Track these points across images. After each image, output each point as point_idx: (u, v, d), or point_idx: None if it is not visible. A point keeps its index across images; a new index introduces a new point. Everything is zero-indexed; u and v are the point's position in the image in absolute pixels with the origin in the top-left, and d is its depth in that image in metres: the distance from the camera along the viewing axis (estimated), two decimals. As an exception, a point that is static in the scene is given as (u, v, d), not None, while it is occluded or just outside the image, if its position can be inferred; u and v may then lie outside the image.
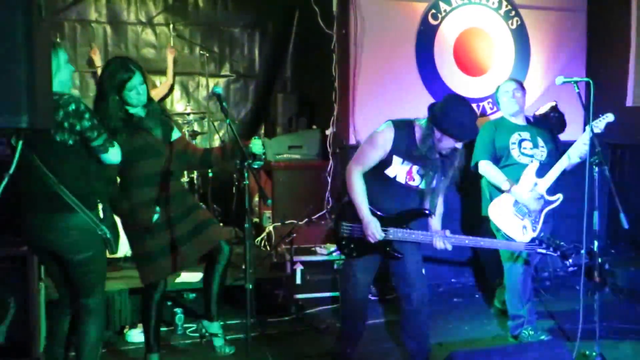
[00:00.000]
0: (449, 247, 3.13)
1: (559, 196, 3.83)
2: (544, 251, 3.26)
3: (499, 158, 4.02)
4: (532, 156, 3.98)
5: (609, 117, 3.76)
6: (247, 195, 2.62)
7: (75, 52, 5.65)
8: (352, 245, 3.23)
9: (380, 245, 3.18)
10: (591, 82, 3.49)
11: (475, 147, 4.10)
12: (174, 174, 3.27)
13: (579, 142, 3.75)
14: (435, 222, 3.24)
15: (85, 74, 5.73)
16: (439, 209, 3.28)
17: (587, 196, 3.30)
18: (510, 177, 3.89)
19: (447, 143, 3.03)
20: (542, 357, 2.59)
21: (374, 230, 3.10)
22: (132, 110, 3.11)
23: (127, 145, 3.00)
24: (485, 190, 4.11)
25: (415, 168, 3.14)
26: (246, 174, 2.61)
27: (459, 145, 3.06)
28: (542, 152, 4.02)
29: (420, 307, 3.27)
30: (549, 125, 4.52)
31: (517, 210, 3.83)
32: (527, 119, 4.19)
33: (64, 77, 2.81)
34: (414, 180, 3.16)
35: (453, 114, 2.99)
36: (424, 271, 3.29)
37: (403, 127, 3.13)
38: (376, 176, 3.17)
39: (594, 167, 3.34)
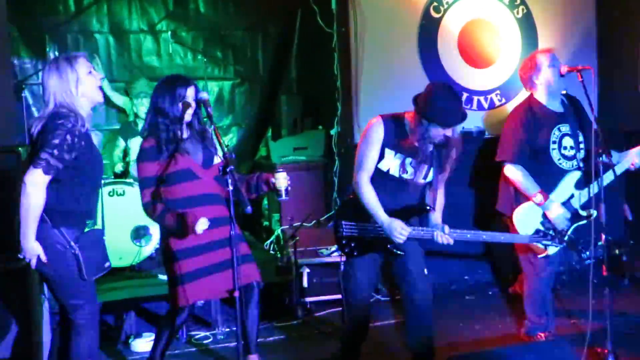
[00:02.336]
0: (451, 242, 3.06)
1: (592, 212, 3.42)
2: (548, 243, 3.15)
3: (535, 155, 3.62)
4: (573, 158, 3.63)
5: None
6: (231, 202, 2.58)
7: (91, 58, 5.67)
8: (352, 244, 3.17)
9: (381, 244, 3.11)
10: (592, 69, 3.39)
11: (504, 141, 3.71)
12: (217, 199, 3.12)
13: (629, 156, 3.53)
14: (436, 216, 3.15)
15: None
16: (440, 201, 3.19)
17: (592, 189, 3.20)
18: (544, 183, 3.55)
19: (436, 131, 2.97)
20: (545, 357, 2.50)
21: (401, 230, 3.00)
22: (176, 129, 3.07)
23: (169, 166, 3.00)
24: (508, 187, 3.73)
25: (408, 160, 3.08)
26: (229, 181, 2.56)
27: (448, 132, 2.98)
28: (582, 154, 3.65)
29: (424, 308, 3.19)
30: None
31: (545, 221, 3.55)
32: (562, 101, 3.73)
33: (87, 88, 2.79)
34: (407, 172, 3.09)
35: (436, 101, 2.93)
36: (426, 271, 3.21)
37: (392, 120, 3.09)
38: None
39: (600, 158, 3.24)
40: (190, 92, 3.06)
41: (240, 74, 6.19)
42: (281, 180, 3.00)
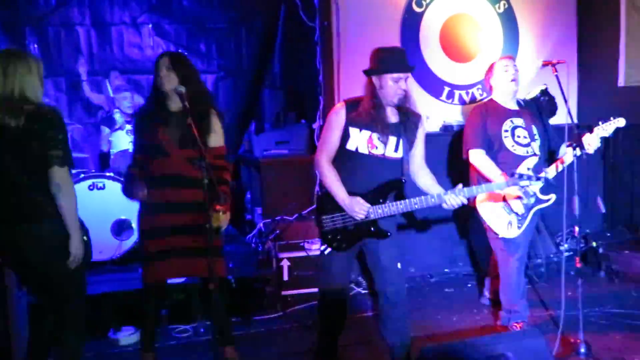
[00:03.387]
0: (465, 201, 3.06)
1: (552, 197, 3.65)
2: (527, 183, 3.15)
3: (490, 146, 3.82)
4: (527, 146, 3.77)
5: (620, 122, 3.57)
6: (208, 194, 2.58)
7: (61, 57, 5.65)
8: (338, 237, 3.15)
9: (365, 228, 3.11)
10: (566, 62, 3.45)
11: (465, 134, 3.95)
12: (189, 182, 3.06)
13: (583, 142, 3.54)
14: (435, 187, 3.15)
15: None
16: (429, 176, 3.20)
17: (566, 180, 3.25)
18: (502, 169, 3.67)
19: (390, 86, 3.02)
20: (516, 347, 2.54)
21: (360, 207, 3.03)
22: (165, 102, 3.14)
23: (147, 137, 3.07)
24: (474, 179, 3.92)
25: (375, 135, 3.08)
26: (204, 174, 2.57)
27: (402, 86, 3.03)
28: (537, 145, 3.81)
29: (397, 302, 3.20)
30: (539, 109, 4.43)
31: (505, 204, 3.72)
32: (518, 103, 3.98)
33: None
34: (376, 148, 3.09)
35: (379, 54, 3.07)
36: (399, 265, 3.20)
37: (355, 100, 3.15)
38: (340, 156, 3.13)
39: (573, 150, 3.28)
40: (161, 62, 3.14)
41: (224, 68, 6.18)
42: (214, 219, 2.96)
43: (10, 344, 3.37)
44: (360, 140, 3.08)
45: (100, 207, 4.45)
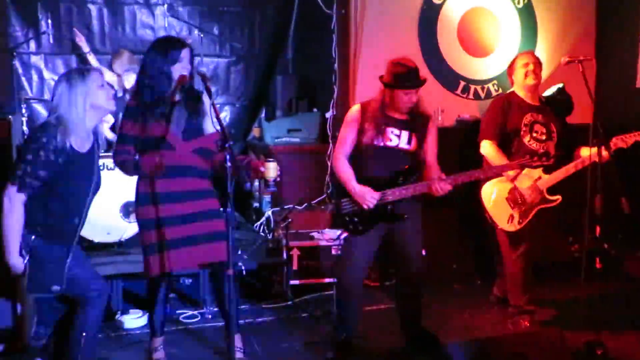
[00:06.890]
0: (449, 187, 3.21)
1: (558, 198, 3.73)
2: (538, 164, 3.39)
3: (507, 140, 3.85)
4: (544, 142, 3.81)
5: None
6: (228, 179, 2.52)
7: (72, 34, 5.54)
8: (355, 219, 3.28)
9: (383, 210, 3.25)
10: (595, 62, 3.39)
11: (482, 123, 4.00)
12: (193, 171, 3.06)
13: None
14: (432, 172, 3.31)
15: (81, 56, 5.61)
16: (436, 169, 3.35)
17: (589, 181, 3.21)
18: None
19: (401, 97, 3.22)
20: (536, 346, 2.50)
21: (370, 197, 3.20)
22: (162, 93, 2.97)
23: (144, 130, 2.95)
24: None
25: (389, 130, 3.28)
26: (227, 157, 2.51)
27: (413, 97, 3.22)
28: (553, 144, 3.84)
29: (418, 286, 3.45)
30: (557, 108, 4.37)
31: (510, 197, 3.75)
32: (539, 99, 4.02)
33: (98, 101, 2.71)
34: (391, 140, 3.29)
35: (394, 69, 3.23)
36: (424, 252, 3.42)
37: (371, 102, 3.36)
38: (358, 149, 3.32)
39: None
40: (184, 54, 2.98)
41: (237, 52, 6.08)
42: (271, 170, 2.97)
43: (21, 322, 3.34)
44: (377, 135, 3.28)
45: (110, 187, 4.36)
